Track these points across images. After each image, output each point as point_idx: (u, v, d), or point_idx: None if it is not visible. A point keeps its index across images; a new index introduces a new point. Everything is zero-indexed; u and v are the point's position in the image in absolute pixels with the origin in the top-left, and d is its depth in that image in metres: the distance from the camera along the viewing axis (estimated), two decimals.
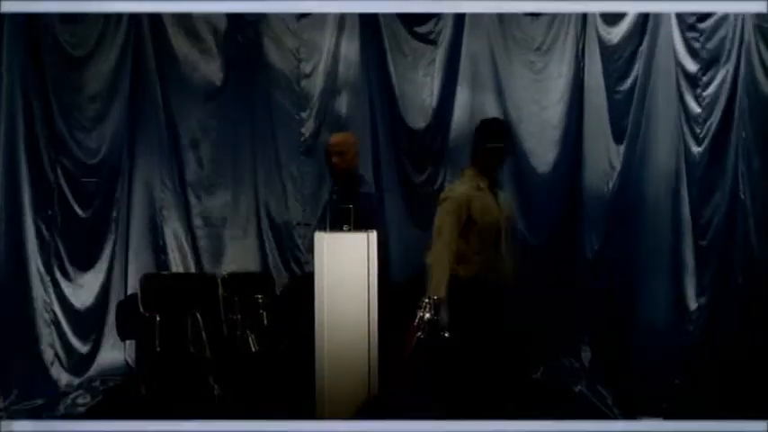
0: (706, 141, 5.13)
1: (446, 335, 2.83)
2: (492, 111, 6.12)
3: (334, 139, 5.00)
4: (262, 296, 3.52)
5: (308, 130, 6.09)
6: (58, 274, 5.71)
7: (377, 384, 3.90)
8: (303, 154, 6.10)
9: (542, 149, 6.14)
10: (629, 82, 5.46)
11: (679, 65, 5.12)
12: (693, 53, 5.02)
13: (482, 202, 4.08)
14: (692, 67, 5.09)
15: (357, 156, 4.84)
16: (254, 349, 2.94)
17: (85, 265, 5.81)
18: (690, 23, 5.00)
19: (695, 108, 5.08)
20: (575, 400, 5.56)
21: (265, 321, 3.42)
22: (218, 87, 5.99)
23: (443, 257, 3.86)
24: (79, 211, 5.73)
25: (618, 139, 5.57)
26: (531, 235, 6.14)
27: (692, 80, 5.04)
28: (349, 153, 4.78)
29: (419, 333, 2.82)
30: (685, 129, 5.16)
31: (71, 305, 5.75)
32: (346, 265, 3.46)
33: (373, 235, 3.31)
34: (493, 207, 4.12)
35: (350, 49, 6.07)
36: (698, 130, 5.15)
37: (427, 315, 3.30)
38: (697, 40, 5.01)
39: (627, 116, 5.45)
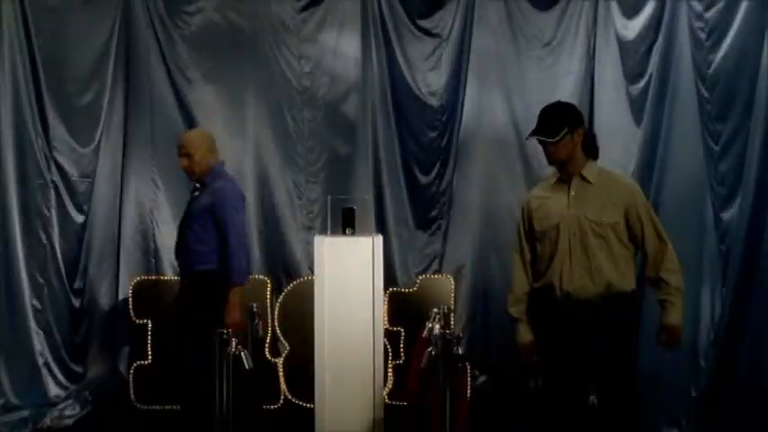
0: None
1: (460, 351, 2.52)
2: (499, 108, 5.93)
3: (180, 140, 4.67)
4: (257, 305, 3.22)
5: (310, 129, 5.86)
6: (47, 278, 5.49)
7: (382, 402, 3.65)
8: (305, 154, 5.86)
9: None
10: (644, 78, 5.24)
11: (695, 59, 4.91)
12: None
13: (542, 204, 3.57)
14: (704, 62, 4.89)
15: (210, 151, 4.47)
16: (247, 367, 2.66)
17: (76, 268, 5.60)
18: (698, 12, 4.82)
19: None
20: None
21: (260, 333, 3.14)
22: (217, 88, 5.78)
23: (515, 270, 3.56)
24: (73, 213, 5.54)
25: (632, 137, 5.36)
26: None
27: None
28: (197, 154, 4.48)
29: (430, 348, 2.53)
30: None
31: (61, 311, 5.51)
32: (349, 271, 3.19)
33: (378, 239, 3.01)
34: (553, 210, 3.51)
35: (352, 44, 5.85)
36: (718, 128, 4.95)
37: (437, 327, 3.02)
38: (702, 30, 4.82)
39: (642, 113, 5.23)
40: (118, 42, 5.61)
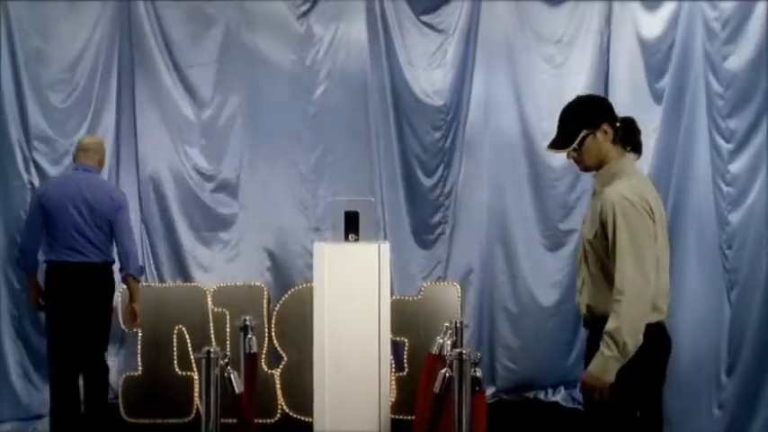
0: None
1: (478, 373, 2.24)
2: (507, 108, 5.75)
3: None
4: (251, 317, 2.94)
5: (311, 127, 5.65)
6: (25, 283, 5.05)
7: (388, 417, 3.38)
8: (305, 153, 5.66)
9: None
10: (666, 76, 5.00)
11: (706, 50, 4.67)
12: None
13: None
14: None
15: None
16: (237, 391, 2.39)
17: None
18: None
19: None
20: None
21: (252, 348, 2.85)
22: (213, 84, 5.58)
23: None
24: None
25: (651, 138, 5.11)
26: (550, 243, 5.77)
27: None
28: None
29: (444, 371, 2.26)
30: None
31: (42, 318, 5.03)
32: (352, 280, 2.90)
33: (385, 246, 2.73)
34: (585, 220, 3.12)
35: (353, 39, 5.65)
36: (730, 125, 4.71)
37: (449, 344, 2.72)
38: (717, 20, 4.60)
39: (658, 112, 4.99)
40: (110, 41, 5.44)
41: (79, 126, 5.32)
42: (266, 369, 5.12)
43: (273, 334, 5.17)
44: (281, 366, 5.15)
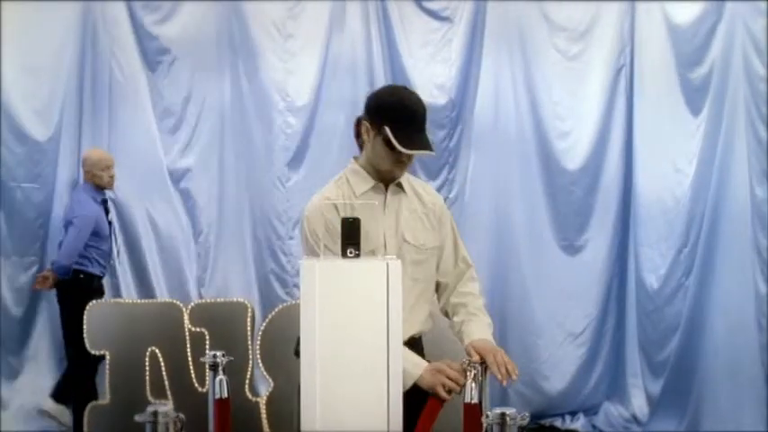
0: None
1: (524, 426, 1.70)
2: (518, 104, 5.47)
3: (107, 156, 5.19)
4: (223, 352, 2.41)
5: (296, 126, 5.39)
6: None
7: None
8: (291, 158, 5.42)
9: (580, 150, 5.44)
10: (704, 65, 4.63)
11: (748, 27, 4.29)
12: None
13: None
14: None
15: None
16: None
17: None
18: None
19: None
20: None
21: (225, 393, 2.30)
22: (199, 77, 5.33)
23: None
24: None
25: (687, 134, 4.71)
26: (566, 254, 5.47)
27: None
28: None
29: (484, 429, 1.75)
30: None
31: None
32: (351, 308, 2.36)
33: (396, 264, 2.19)
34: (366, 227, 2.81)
35: (349, 28, 5.40)
36: None
37: (475, 388, 2.19)
38: None
39: (700, 106, 4.58)
40: (80, 34, 5.20)
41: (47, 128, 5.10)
42: (250, 397, 4.68)
43: (258, 356, 4.75)
44: (266, 393, 4.71)
